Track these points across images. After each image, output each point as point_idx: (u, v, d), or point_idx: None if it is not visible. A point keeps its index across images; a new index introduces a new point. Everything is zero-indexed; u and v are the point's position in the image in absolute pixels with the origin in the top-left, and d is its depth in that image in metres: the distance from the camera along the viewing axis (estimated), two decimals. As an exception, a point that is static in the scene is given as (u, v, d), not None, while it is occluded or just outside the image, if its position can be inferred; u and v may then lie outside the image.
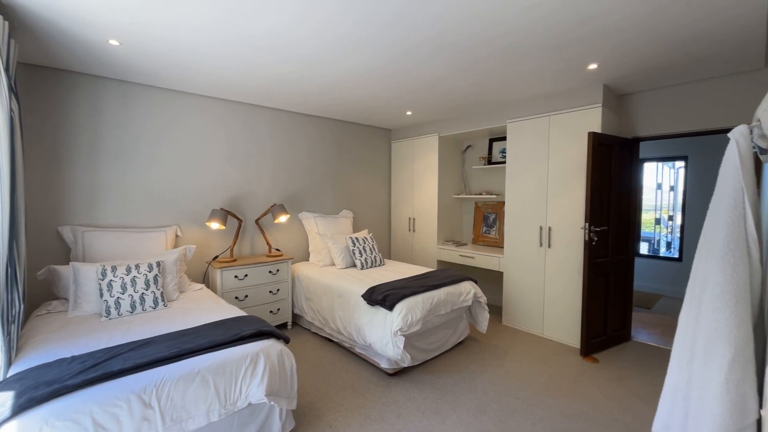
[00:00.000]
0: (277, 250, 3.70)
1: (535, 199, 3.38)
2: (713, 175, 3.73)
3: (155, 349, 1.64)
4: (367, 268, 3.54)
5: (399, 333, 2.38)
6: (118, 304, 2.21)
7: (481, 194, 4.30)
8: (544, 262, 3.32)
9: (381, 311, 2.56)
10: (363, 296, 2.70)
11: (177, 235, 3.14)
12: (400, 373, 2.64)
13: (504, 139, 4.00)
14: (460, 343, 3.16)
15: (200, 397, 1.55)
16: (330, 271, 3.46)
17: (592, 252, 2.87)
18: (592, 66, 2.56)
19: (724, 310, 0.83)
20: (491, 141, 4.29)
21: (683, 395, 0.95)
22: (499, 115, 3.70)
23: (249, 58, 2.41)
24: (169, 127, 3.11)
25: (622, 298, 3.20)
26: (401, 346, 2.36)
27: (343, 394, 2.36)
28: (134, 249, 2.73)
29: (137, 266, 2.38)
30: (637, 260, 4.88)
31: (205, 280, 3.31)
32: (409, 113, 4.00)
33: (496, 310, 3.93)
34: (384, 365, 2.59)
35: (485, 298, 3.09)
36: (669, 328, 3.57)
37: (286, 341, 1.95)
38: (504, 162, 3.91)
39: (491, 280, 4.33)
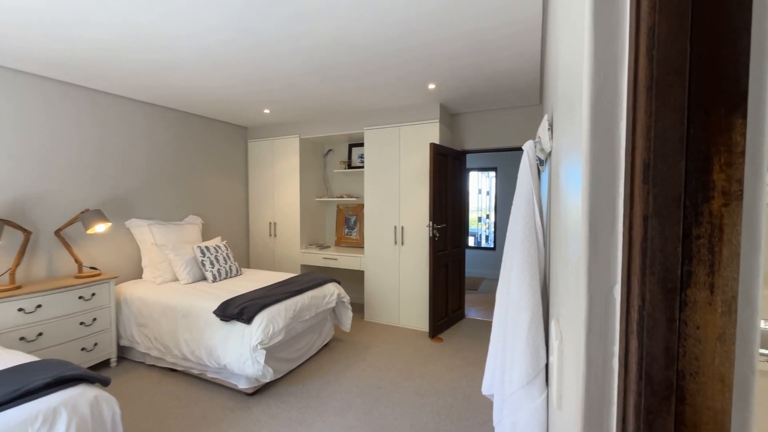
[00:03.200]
0: (93, 268, 2.90)
1: (390, 202, 3.69)
2: (514, 182, 4.79)
3: None
4: (220, 279, 3.15)
5: (259, 347, 2.20)
6: None
7: (343, 197, 4.42)
8: (399, 258, 3.65)
9: (237, 326, 2.31)
10: (215, 312, 2.38)
11: None
12: (261, 390, 2.44)
13: (362, 144, 4.23)
14: (326, 345, 3.16)
15: (-54, 494, 1.05)
16: (172, 288, 2.93)
17: (435, 246, 3.32)
18: (432, 86, 2.97)
19: (524, 283, 1.07)
20: (351, 146, 4.46)
21: (501, 357, 1.18)
22: (358, 121, 3.89)
23: (35, 5, 1.81)
24: None
25: (457, 283, 3.82)
26: (262, 361, 2.18)
27: (192, 430, 2.02)
28: None
29: None
30: (467, 252, 5.91)
31: (-38, 320, 2.30)
32: (267, 111, 3.78)
33: (358, 308, 4.10)
34: (242, 386, 2.35)
35: (348, 298, 3.18)
36: (491, 304, 4.46)
37: (105, 384, 1.53)
38: (362, 167, 4.13)
39: (354, 280, 4.49)
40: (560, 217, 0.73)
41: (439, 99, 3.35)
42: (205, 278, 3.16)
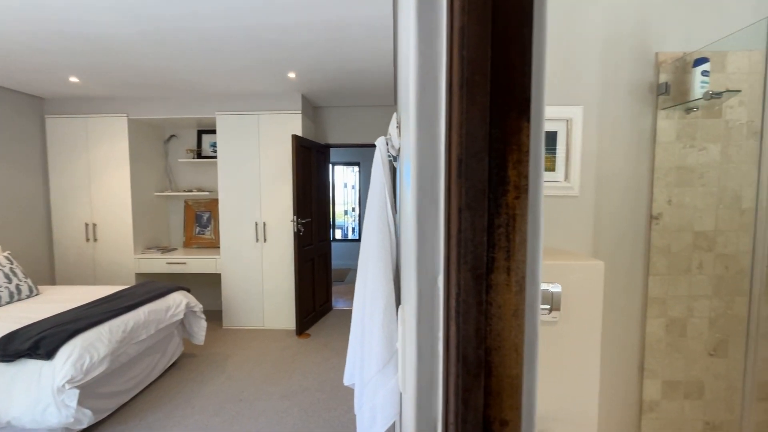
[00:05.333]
0: None
1: (250, 196, 3.40)
2: (375, 177, 5.03)
3: None
4: (1, 305, 2.29)
5: (68, 386, 1.69)
6: None
7: (192, 191, 3.84)
8: (262, 257, 3.41)
9: (30, 365, 1.72)
10: (-11, 351, 1.71)
11: None
12: (76, 439, 1.89)
13: (214, 131, 3.74)
14: (173, 364, 2.70)
15: None
16: None
17: (300, 241, 3.23)
18: (292, 75, 2.83)
19: (379, 272, 1.12)
20: (200, 133, 3.90)
21: (360, 346, 1.22)
22: (208, 105, 3.41)
23: None
24: None
25: (324, 276, 3.83)
26: (74, 404, 1.69)
27: None
28: None
29: None
30: (334, 244, 6.00)
31: None
32: (74, 80, 2.91)
33: (215, 316, 3.66)
34: (43, 441, 1.77)
35: (201, 306, 2.79)
36: (357, 294, 4.66)
37: None
38: (216, 156, 3.65)
39: (209, 284, 3.97)
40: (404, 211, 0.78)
41: (301, 90, 3.24)
42: (-30, 305, 2.24)
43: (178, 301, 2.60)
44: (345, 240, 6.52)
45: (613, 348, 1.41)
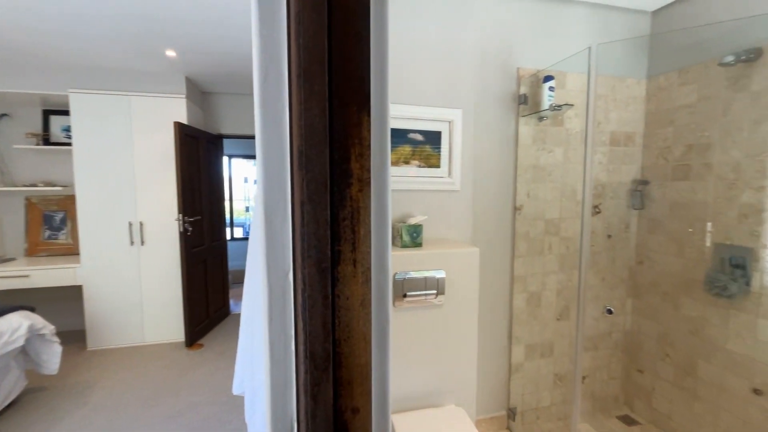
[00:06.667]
0: None
1: (121, 191, 2.88)
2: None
3: None
4: None
5: None
6: None
7: (37, 186, 3.07)
8: (139, 262, 2.94)
9: None
10: None
11: None
12: None
13: (67, 113, 3.05)
14: (12, 404, 2.14)
15: None
16: None
17: (188, 242, 2.88)
18: (171, 53, 2.49)
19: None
20: (47, 113, 3.15)
21: (250, 351, 1.14)
22: (59, 79, 2.77)
23: None
24: None
25: (220, 279, 3.50)
26: None
27: None
28: None
29: None
30: (234, 243, 5.53)
31: None
32: None
33: (77, 336, 3.03)
34: None
35: (53, 328, 2.27)
36: (259, 295, 4.38)
37: None
38: (71, 143, 2.99)
39: (67, 299, 3.25)
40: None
41: (184, 71, 2.87)
42: None
43: (15, 325, 2.06)
44: (246, 239, 6.06)
45: (488, 322, 1.62)
